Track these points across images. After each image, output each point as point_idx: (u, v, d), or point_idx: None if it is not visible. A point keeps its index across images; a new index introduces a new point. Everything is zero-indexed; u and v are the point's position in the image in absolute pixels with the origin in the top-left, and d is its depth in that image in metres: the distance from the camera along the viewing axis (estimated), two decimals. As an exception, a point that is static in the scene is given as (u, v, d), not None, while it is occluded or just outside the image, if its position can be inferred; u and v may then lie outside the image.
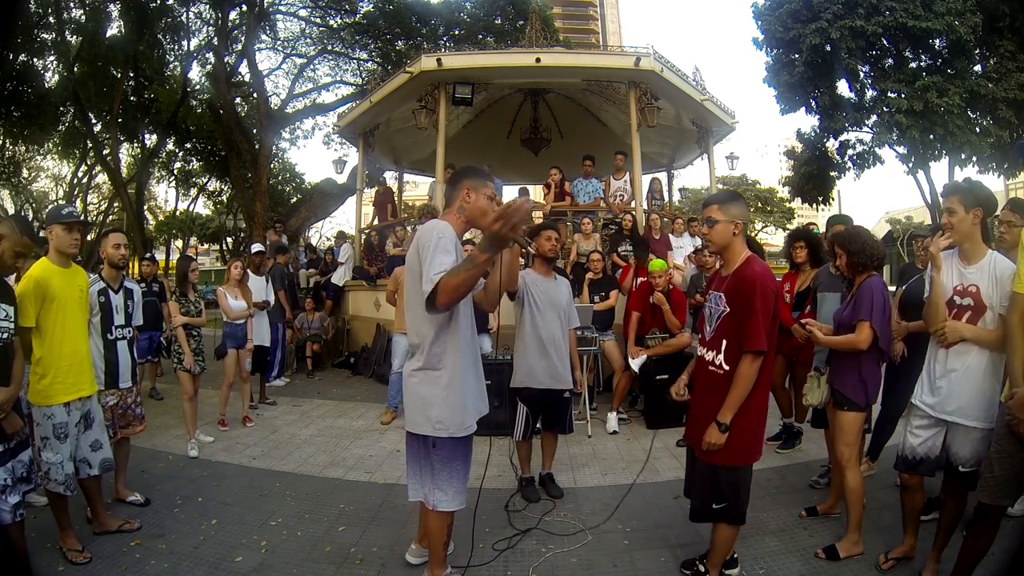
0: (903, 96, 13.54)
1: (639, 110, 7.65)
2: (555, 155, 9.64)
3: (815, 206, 17.87)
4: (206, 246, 32.86)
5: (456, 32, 15.56)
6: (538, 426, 3.61)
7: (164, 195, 39.84)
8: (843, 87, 15.34)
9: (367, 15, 15.62)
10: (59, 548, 2.80)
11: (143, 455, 4.24)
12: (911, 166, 15.37)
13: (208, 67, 16.18)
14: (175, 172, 22.27)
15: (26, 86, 14.29)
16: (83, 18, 14.80)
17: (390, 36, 15.79)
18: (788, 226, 29.94)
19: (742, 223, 2.39)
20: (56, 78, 15.55)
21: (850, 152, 16.04)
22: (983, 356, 2.38)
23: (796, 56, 14.70)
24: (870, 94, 15.08)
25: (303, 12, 16.37)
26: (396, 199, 11.02)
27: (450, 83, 7.65)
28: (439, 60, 7.50)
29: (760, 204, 32.84)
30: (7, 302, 2.46)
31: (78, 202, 22.86)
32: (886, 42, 14.07)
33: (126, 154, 20.38)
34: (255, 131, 15.35)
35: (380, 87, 8.68)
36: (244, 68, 15.13)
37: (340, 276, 9.13)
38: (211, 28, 15.80)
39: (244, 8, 14.46)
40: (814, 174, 16.88)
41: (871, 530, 2.92)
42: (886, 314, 2.76)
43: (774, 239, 33.63)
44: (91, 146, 17.15)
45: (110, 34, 15.22)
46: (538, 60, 7.47)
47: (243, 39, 14.72)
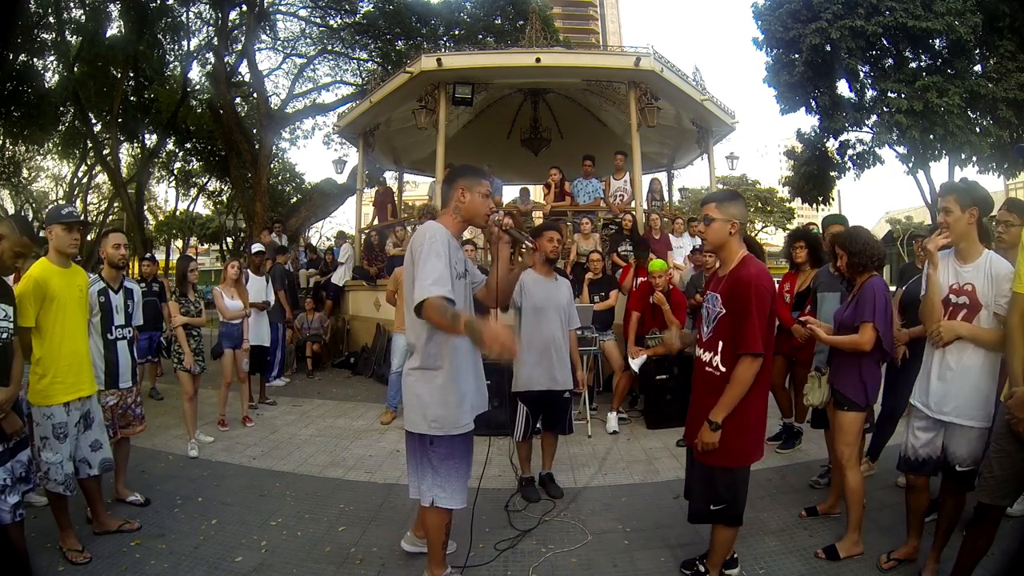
0: (903, 96, 13.51)
1: (639, 110, 7.65)
2: (555, 155, 9.64)
3: (815, 206, 17.82)
4: (206, 246, 32.79)
5: (456, 32, 15.55)
6: (538, 426, 3.61)
7: (164, 195, 39.87)
8: (843, 87, 15.33)
9: (367, 15, 15.61)
10: (59, 548, 2.80)
11: (143, 455, 4.24)
12: (911, 166, 15.35)
13: (208, 67, 16.19)
14: (175, 172, 22.24)
15: (26, 86, 14.27)
16: (83, 18, 14.79)
17: (390, 36, 15.78)
18: (788, 226, 29.89)
19: (739, 223, 2.39)
20: (56, 78, 15.56)
21: (850, 152, 15.99)
22: (979, 355, 2.38)
23: (796, 56, 14.67)
24: (870, 94, 15.04)
25: (303, 12, 16.37)
26: (396, 199, 11.02)
27: (450, 83, 7.65)
28: (439, 60, 7.50)
29: (760, 204, 32.80)
30: (6, 302, 2.46)
31: (78, 202, 22.81)
32: (886, 42, 14.04)
33: (126, 154, 20.40)
34: (255, 131, 15.34)
35: (380, 87, 8.69)
36: (244, 68, 15.15)
37: (340, 276, 9.14)
38: (211, 28, 15.80)
39: (244, 8, 14.46)
40: (814, 174, 16.85)
41: (871, 530, 2.92)
42: (888, 315, 2.76)
43: (774, 239, 33.58)
44: (91, 146, 17.14)
45: (110, 34, 15.24)
46: (538, 60, 7.47)
47: (243, 39, 14.72)
